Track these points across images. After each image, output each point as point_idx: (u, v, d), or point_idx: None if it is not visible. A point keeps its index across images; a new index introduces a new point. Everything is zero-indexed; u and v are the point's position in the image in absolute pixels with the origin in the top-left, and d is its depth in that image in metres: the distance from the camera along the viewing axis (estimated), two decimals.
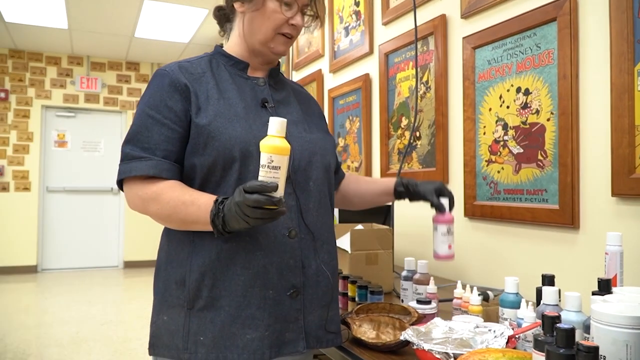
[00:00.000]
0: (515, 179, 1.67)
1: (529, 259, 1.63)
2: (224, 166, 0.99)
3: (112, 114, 6.69)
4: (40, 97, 6.28)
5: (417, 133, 2.19)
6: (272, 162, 0.86)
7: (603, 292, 0.97)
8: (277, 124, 0.88)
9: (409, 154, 2.23)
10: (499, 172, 1.74)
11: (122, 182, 1.03)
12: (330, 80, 3.02)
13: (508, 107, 1.70)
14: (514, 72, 1.68)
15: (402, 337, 1.01)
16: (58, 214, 6.39)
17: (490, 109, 1.78)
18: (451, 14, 1.99)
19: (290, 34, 1.09)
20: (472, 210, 1.85)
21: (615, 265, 1.09)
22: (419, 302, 1.25)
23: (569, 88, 1.47)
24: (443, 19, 2.01)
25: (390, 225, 1.89)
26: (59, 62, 6.38)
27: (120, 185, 1.04)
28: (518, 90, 1.66)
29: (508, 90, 1.70)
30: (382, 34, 2.47)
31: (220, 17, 1.18)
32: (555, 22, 1.52)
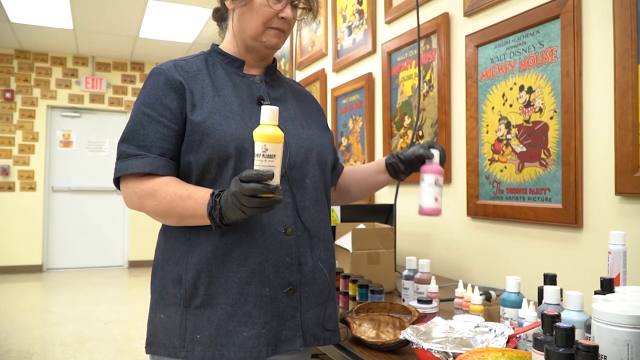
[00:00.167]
0: (518, 177, 1.66)
1: (532, 258, 1.62)
2: (219, 163, 0.99)
3: (117, 114, 6.72)
4: (46, 97, 6.32)
5: (419, 132, 2.18)
6: (266, 150, 0.86)
7: (606, 292, 0.96)
8: (270, 112, 0.88)
9: None
10: (501, 171, 1.73)
11: (119, 180, 1.03)
12: (333, 80, 3.02)
13: (511, 105, 1.69)
14: (517, 70, 1.67)
15: (401, 337, 1.00)
16: (63, 214, 6.42)
17: (493, 108, 1.77)
18: (454, 12, 1.98)
19: (281, 28, 1.08)
20: (474, 209, 1.83)
21: (618, 264, 1.08)
22: (419, 301, 1.24)
23: (573, 86, 1.46)
24: (446, 17, 2.00)
25: (392, 225, 1.88)
26: (64, 62, 6.42)
27: (117, 184, 1.04)
28: (521, 88, 1.65)
29: (511, 89, 1.69)
30: (385, 33, 2.46)
31: (218, 17, 1.19)
32: (558, 20, 1.51)
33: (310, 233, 1.05)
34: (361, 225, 1.73)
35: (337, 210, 1.89)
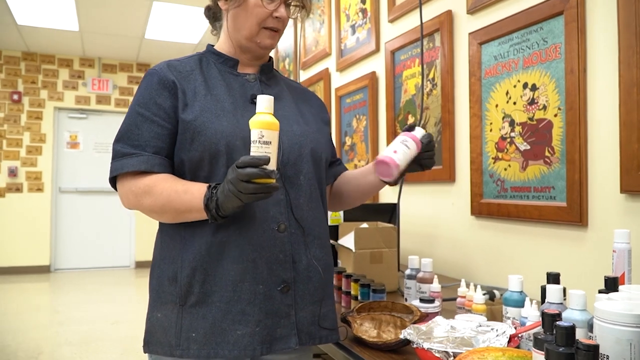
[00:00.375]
0: (522, 176, 1.64)
1: (536, 257, 1.60)
2: (211, 161, 0.99)
3: (123, 115, 6.72)
4: (53, 99, 6.36)
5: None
6: (262, 137, 0.87)
7: (610, 290, 0.94)
8: (265, 101, 0.90)
9: None
10: (505, 169, 1.71)
11: (115, 180, 1.04)
12: (337, 79, 3.01)
13: (515, 103, 1.67)
14: (520, 67, 1.65)
15: (402, 336, 0.99)
16: (71, 215, 6.46)
17: (496, 106, 1.75)
18: (457, 9, 1.97)
19: (275, 27, 1.08)
20: (478, 208, 1.82)
21: (623, 263, 1.06)
22: (422, 300, 1.23)
23: (577, 83, 1.44)
24: (449, 14, 1.99)
25: (396, 224, 1.87)
26: (70, 64, 6.46)
27: (114, 184, 1.05)
28: (525, 85, 1.63)
29: (515, 86, 1.67)
30: (388, 32, 2.45)
31: (210, 16, 1.19)
32: (562, 16, 1.49)
33: (304, 230, 1.05)
34: (364, 225, 1.72)
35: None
